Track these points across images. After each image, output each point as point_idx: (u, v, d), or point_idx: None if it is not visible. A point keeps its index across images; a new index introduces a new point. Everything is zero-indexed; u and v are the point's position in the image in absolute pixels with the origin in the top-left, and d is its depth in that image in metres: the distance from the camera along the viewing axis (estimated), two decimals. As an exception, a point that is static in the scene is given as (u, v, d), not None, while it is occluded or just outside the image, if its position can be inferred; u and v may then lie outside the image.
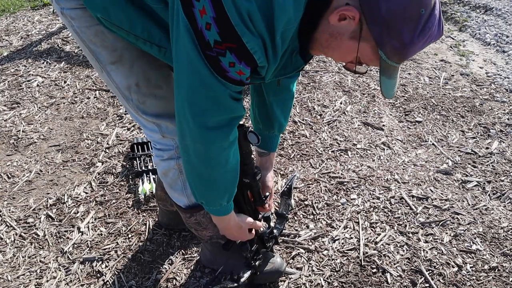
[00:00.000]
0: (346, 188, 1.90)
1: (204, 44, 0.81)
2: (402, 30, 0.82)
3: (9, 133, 2.30)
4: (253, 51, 0.82)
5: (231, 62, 0.83)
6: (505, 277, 1.51)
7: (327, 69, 2.91)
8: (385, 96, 0.96)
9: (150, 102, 1.10)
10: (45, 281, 1.51)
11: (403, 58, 0.87)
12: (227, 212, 1.11)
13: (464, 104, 2.55)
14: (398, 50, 0.85)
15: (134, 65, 1.06)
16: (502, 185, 1.93)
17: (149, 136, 1.20)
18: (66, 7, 0.98)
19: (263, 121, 1.36)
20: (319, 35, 0.90)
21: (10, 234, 1.70)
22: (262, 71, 0.91)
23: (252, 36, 0.80)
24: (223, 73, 0.85)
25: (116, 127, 2.34)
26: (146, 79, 1.08)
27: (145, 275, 1.53)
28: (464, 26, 3.65)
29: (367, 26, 0.84)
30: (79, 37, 1.03)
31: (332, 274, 1.52)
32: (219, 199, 1.06)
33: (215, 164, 0.99)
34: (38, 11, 4.03)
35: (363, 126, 2.33)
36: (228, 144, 0.98)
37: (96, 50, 1.04)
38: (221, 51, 0.81)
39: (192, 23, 0.80)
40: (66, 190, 1.91)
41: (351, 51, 0.89)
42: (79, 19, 0.99)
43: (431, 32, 0.84)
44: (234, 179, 1.07)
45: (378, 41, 0.85)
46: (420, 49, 0.87)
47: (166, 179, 1.25)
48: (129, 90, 1.08)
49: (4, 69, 2.97)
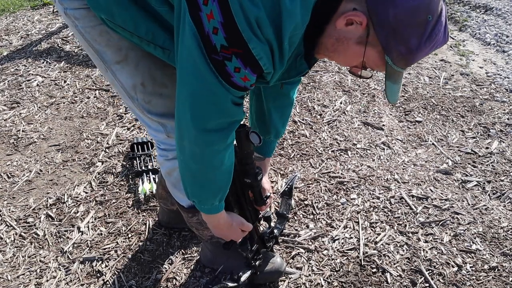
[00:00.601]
0: (346, 188, 1.90)
1: (210, 48, 0.81)
2: (409, 36, 0.82)
3: (9, 132, 2.30)
4: (259, 57, 0.82)
5: (237, 67, 0.83)
6: (505, 277, 1.52)
7: (327, 69, 2.91)
8: (389, 101, 0.97)
9: (155, 101, 1.10)
10: (45, 281, 1.51)
11: (409, 64, 0.88)
12: (218, 210, 1.11)
13: (464, 104, 2.55)
14: (405, 55, 0.85)
15: (140, 64, 1.06)
16: (502, 185, 1.93)
17: (153, 136, 1.20)
18: (69, 8, 0.98)
19: (260, 126, 1.36)
20: (325, 40, 0.91)
21: (10, 234, 1.70)
22: (268, 76, 0.91)
23: (259, 42, 0.80)
24: (227, 78, 0.85)
25: (116, 126, 2.34)
26: (151, 78, 1.08)
27: (145, 274, 1.53)
28: (464, 26, 3.65)
29: (374, 32, 0.84)
30: (83, 37, 1.02)
31: (332, 274, 1.52)
32: (212, 198, 1.07)
33: (210, 165, 0.99)
34: (38, 10, 4.03)
35: (363, 126, 2.34)
36: (225, 147, 0.98)
37: (101, 49, 1.04)
38: (227, 55, 0.81)
39: (198, 27, 0.80)
40: (66, 189, 1.91)
41: (357, 56, 0.89)
42: (83, 19, 0.99)
43: (437, 38, 0.84)
44: (228, 180, 1.07)
45: (385, 47, 0.85)
46: (425, 55, 0.88)
47: (170, 179, 1.25)
48: (135, 89, 1.08)
49: (4, 69, 2.96)
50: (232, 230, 1.20)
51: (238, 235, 1.24)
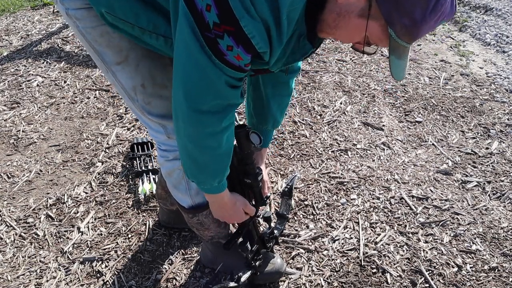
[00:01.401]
0: (346, 188, 1.90)
1: (203, 25, 0.80)
2: (413, 7, 0.79)
3: (9, 133, 2.30)
4: (251, 36, 0.81)
5: (229, 45, 0.82)
6: (505, 277, 1.51)
7: (327, 69, 2.91)
8: (395, 78, 0.92)
9: (155, 102, 1.10)
10: (45, 281, 1.51)
11: (414, 38, 0.84)
12: (220, 190, 1.09)
13: (464, 104, 2.55)
14: (409, 28, 0.82)
15: (140, 64, 1.06)
16: (502, 185, 1.93)
17: (154, 137, 1.20)
18: (71, 8, 0.98)
19: (257, 115, 1.34)
20: (327, 16, 0.89)
21: (10, 234, 1.70)
22: (265, 56, 0.89)
23: (251, 20, 0.79)
24: (221, 57, 0.84)
25: (116, 127, 2.34)
26: (151, 79, 1.08)
27: (145, 275, 1.53)
28: (464, 26, 3.65)
29: (376, 3, 0.82)
30: (84, 38, 1.02)
31: (332, 274, 1.52)
32: (210, 180, 1.05)
33: (206, 147, 0.98)
34: (38, 11, 4.03)
35: (363, 126, 2.33)
36: (221, 129, 0.96)
37: (101, 50, 1.04)
38: (219, 33, 0.80)
39: (191, 5, 0.80)
40: (66, 190, 1.91)
41: (359, 30, 0.87)
42: (84, 20, 0.99)
43: (443, 9, 0.81)
44: (226, 163, 1.05)
45: (388, 19, 0.82)
46: (431, 29, 0.84)
47: (170, 179, 1.25)
48: (135, 90, 1.08)
49: (4, 69, 2.96)
50: (235, 210, 1.18)
51: (241, 216, 1.22)
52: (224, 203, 1.15)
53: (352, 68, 2.94)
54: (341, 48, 3.21)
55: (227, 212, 1.19)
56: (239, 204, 1.19)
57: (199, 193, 1.25)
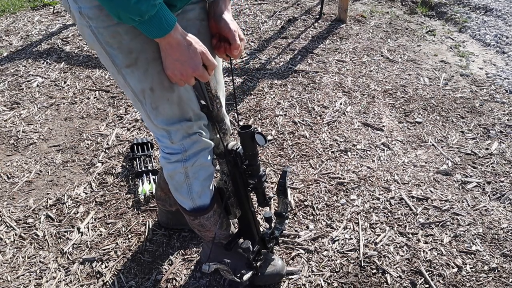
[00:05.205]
0: (346, 189, 1.90)
1: None
2: None
3: (9, 133, 2.30)
4: None
5: None
6: (504, 278, 1.51)
7: (327, 69, 2.91)
8: None
9: (162, 106, 1.10)
10: (44, 282, 1.51)
11: None
12: (170, 23, 0.92)
13: (464, 105, 2.55)
14: None
15: (149, 68, 1.06)
16: (502, 186, 1.93)
17: (159, 141, 1.20)
18: (84, 6, 0.98)
19: None
20: None
21: (10, 235, 1.70)
22: None
23: None
24: None
25: (116, 127, 2.34)
26: (160, 82, 1.07)
27: (145, 275, 1.53)
28: (464, 27, 3.65)
29: None
30: (96, 38, 1.02)
31: (332, 275, 1.52)
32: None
33: None
34: (38, 11, 4.03)
35: (363, 127, 2.34)
36: None
37: (112, 52, 1.03)
38: None
39: None
40: (66, 190, 1.91)
41: None
42: (96, 19, 0.98)
43: None
44: None
45: None
46: None
47: (172, 182, 1.25)
48: (143, 94, 1.08)
49: (4, 69, 2.97)
50: (192, 53, 0.98)
51: (196, 63, 1.00)
52: (180, 43, 0.96)
53: (352, 68, 2.94)
54: (341, 49, 3.21)
55: (180, 59, 0.99)
56: (195, 43, 0.99)
57: (200, 196, 1.25)
